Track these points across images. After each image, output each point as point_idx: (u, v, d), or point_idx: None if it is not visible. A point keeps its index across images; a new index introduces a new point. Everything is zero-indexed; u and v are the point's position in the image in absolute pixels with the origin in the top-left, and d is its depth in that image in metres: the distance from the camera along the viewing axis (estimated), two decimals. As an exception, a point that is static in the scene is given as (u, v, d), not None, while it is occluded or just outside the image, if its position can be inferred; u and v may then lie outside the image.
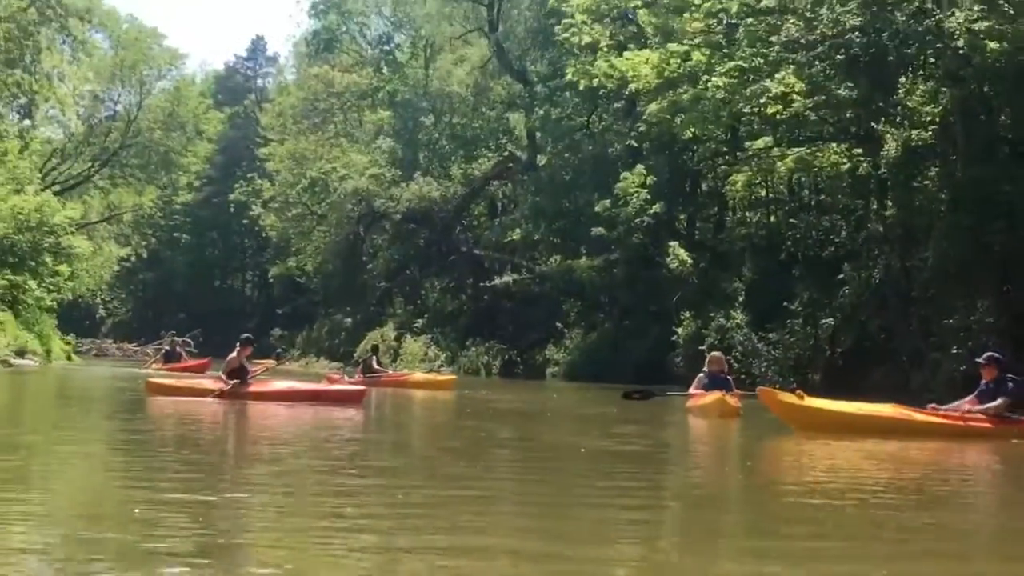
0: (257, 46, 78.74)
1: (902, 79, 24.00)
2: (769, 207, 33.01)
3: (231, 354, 16.15)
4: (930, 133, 23.18)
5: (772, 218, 32.31)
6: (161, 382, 17.62)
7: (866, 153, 24.91)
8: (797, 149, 27.41)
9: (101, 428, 12.38)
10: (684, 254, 30.74)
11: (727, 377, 16.42)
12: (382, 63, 54.95)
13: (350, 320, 47.36)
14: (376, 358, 26.26)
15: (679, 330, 29.25)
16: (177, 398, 15.66)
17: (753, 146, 28.89)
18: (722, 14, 27.18)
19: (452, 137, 48.68)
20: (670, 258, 30.82)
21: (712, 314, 28.24)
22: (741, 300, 28.46)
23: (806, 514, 6.66)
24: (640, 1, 32.72)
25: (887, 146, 23.22)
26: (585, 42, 35.47)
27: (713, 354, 17.26)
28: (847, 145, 26.18)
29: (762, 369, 25.33)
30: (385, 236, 48.58)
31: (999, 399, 12.04)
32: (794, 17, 24.14)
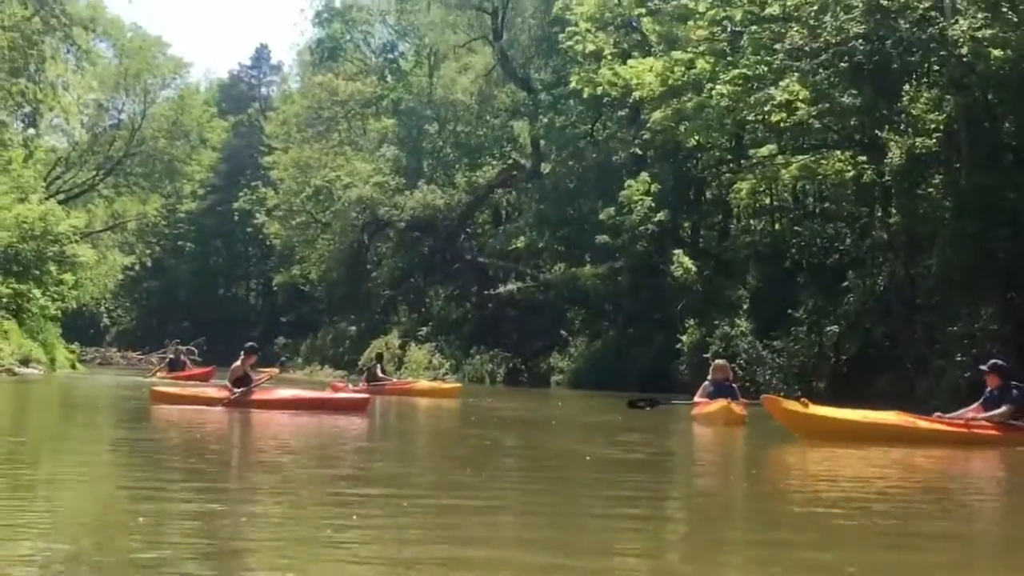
0: (261, 54, 78.83)
1: (906, 87, 23.99)
2: (773, 215, 33.03)
3: (235, 363, 16.18)
4: (934, 141, 23.14)
5: (776, 226, 32.33)
6: (165, 390, 17.71)
7: (870, 161, 24.88)
8: (801, 157, 27.41)
9: (105, 437, 12.37)
10: (688, 262, 30.72)
11: (732, 385, 16.41)
12: (386, 71, 54.99)
13: (354, 328, 47.28)
14: (380, 366, 26.25)
15: (683, 338, 29.21)
16: (181, 406, 15.71)
17: (757, 154, 28.93)
18: (726, 22, 27.17)
19: (456, 145, 48.73)
20: (674, 266, 30.79)
21: (716, 322, 28.22)
22: (745, 308, 28.43)
23: (811, 522, 6.66)
24: (644, 9, 32.76)
25: (891, 154, 23.19)
26: (589, 50, 35.56)
27: (718, 362, 17.28)
28: (851, 153, 26.17)
29: (766, 377, 25.32)
30: (389, 244, 48.52)
31: (1004, 406, 12.05)
32: (798, 25, 24.17)
